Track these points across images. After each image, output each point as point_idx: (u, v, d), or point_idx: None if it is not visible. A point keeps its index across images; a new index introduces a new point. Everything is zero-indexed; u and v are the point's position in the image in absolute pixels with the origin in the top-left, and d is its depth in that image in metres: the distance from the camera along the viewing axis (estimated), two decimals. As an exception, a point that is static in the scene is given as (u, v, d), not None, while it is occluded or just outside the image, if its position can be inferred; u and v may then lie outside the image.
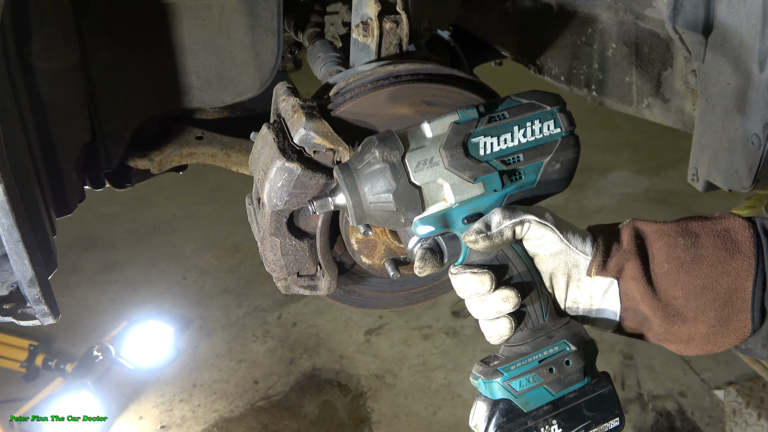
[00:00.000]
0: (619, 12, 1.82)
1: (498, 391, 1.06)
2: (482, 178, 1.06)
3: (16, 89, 1.31)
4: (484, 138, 1.06)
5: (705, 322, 1.04)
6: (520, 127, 1.07)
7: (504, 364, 1.06)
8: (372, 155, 1.05)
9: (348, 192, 1.06)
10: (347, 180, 1.07)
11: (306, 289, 1.35)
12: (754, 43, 1.40)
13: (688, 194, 5.53)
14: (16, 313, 1.27)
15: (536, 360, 1.06)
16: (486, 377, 1.07)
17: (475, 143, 1.06)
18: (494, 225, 1.04)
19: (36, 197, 1.32)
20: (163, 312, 4.69)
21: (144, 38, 1.63)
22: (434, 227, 1.07)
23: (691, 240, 1.05)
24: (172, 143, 1.85)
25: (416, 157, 1.05)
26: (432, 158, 1.05)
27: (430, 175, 1.05)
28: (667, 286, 1.05)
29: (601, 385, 1.09)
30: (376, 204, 1.06)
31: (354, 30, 1.42)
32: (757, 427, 3.61)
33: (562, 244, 1.06)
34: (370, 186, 1.05)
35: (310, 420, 3.93)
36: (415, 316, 4.61)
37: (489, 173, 1.06)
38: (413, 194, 1.04)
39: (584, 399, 1.08)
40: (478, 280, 1.04)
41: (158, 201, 5.95)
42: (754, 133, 1.44)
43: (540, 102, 1.09)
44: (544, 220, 1.05)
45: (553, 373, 1.06)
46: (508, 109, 1.08)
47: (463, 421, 3.86)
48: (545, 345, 1.07)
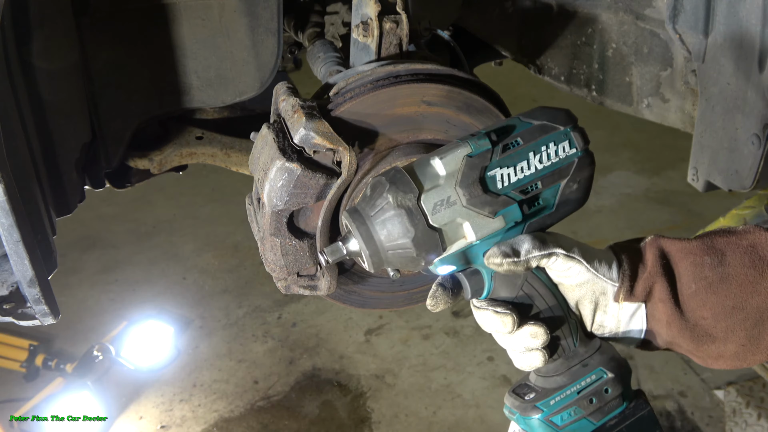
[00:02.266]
0: (619, 12, 1.82)
1: (538, 428, 1.03)
2: (502, 212, 1.01)
3: (16, 89, 1.31)
4: (501, 170, 1.01)
5: (735, 342, 1.03)
6: (536, 153, 1.02)
7: (542, 399, 1.04)
8: (385, 200, 1.00)
9: (363, 241, 1.01)
10: (361, 229, 1.01)
11: (306, 289, 1.34)
12: (754, 43, 1.40)
13: (688, 194, 5.52)
14: (16, 313, 1.27)
15: (575, 392, 1.04)
16: (524, 413, 1.04)
17: (492, 176, 1.01)
18: (523, 253, 1.01)
19: (36, 197, 1.32)
20: (163, 312, 4.69)
21: (144, 38, 1.63)
22: (455, 265, 1.04)
23: (718, 258, 1.03)
24: (172, 143, 1.84)
25: (432, 199, 0.99)
26: (449, 198, 1.00)
27: (448, 215, 1.00)
28: (695, 307, 1.03)
29: (641, 407, 1.07)
30: (394, 251, 1.01)
31: (354, 30, 1.42)
32: (757, 427, 3.61)
33: (590, 274, 1.03)
34: (386, 234, 1.00)
35: (310, 420, 3.93)
36: (415, 316, 4.61)
37: (508, 205, 1.01)
38: (433, 237, 1.00)
39: (625, 424, 1.06)
40: (500, 320, 1.01)
41: (158, 201, 5.95)
42: (754, 133, 1.44)
43: (552, 122, 1.04)
44: (572, 253, 1.03)
45: (593, 404, 1.04)
46: (520, 133, 1.03)
47: (463, 421, 3.87)
48: (582, 374, 1.04)
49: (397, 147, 1.32)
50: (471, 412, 3.92)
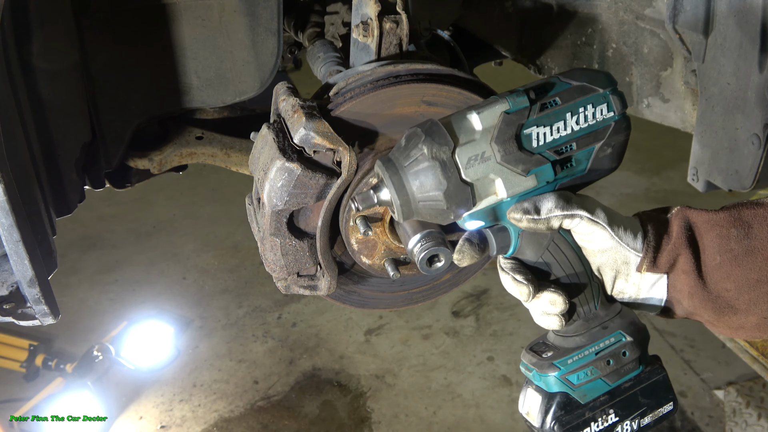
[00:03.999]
0: (619, 12, 1.82)
1: (554, 385, 1.05)
2: (535, 170, 1.01)
3: (16, 89, 1.31)
4: (537, 128, 1.00)
5: (757, 314, 1.03)
6: (573, 113, 1.01)
7: (559, 357, 1.05)
8: (419, 151, 1.00)
9: (395, 190, 1.02)
10: (393, 178, 1.02)
11: (306, 289, 1.35)
12: (754, 43, 1.40)
13: (688, 194, 5.52)
14: (16, 313, 1.27)
15: (593, 353, 1.05)
16: (541, 370, 1.06)
17: (528, 135, 1.00)
18: (544, 211, 1.01)
19: (36, 197, 1.32)
20: (163, 312, 4.69)
21: (144, 38, 1.63)
22: (484, 221, 1.04)
23: (744, 231, 1.03)
24: (172, 143, 1.84)
25: (467, 153, 0.99)
26: (483, 153, 0.99)
27: (482, 171, 1.00)
28: (718, 279, 1.03)
29: (656, 371, 1.09)
30: (425, 202, 1.01)
31: (354, 30, 1.42)
32: (757, 427, 3.61)
33: (613, 242, 1.04)
34: (419, 184, 1.00)
35: (310, 420, 3.93)
36: (415, 316, 4.61)
37: (542, 165, 1.01)
38: (464, 191, 1.00)
39: (640, 387, 1.08)
40: (518, 289, 1.03)
41: (158, 201, 5.95)
42: (754, 133, 1.44)
43: (591, 84, 1.03)
44: (596, 217, 1.02)
45: (610, 365, 1.05)
46: (559, 93, 1.02)
47: (463, 421, 3.87)
48: (601, 336, 1.06)
49: (397, 147, 1.32)
50: (471, 412, 3.92)
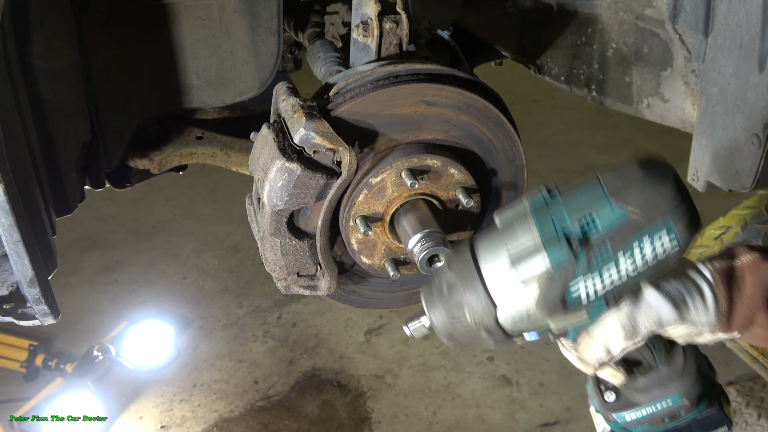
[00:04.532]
0: (619, 12, 1.82)
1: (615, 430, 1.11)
2: (586, 311, 0.95)
3: (16, 89, 1.31)
4: (585, 284, 0.89)
5: None
6: (625, 252, 0.88)
7: (618, 411, 1.08)
8: (462, 314, 0.96)
9: (446, 339, 1.00)
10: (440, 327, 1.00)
11: (306, 289, 1.35)
12: (754, 43, 1.40)
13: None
14: (16, 313, 1.27)
15: (650, 412, 1.06)
16: (605, 416, 1.11)
17: (576, 293, 0.90)
18: (616, 351, 0.98)
19: (36, 197, 1.32)
20: (163, 312, 4.69)
21: (144, 38, 1.63)
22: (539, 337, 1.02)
23: None
24: (172, 143, 1.85)
25: (512, 318, 0.94)
26: (528, 314, 0.94)
27: (528, 325, 0.96)
28: None
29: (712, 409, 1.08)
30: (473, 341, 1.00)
31: (354, 30, 1.42)
32: (757, 427, 3.60)
33: (687, 329, 1.00)
34: (465, 335, 0.99)
35: (310, 420, 3.93)
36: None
37: (594, 309, 0.94)
38: (510, 340, 0.98)
39: (695, 423, 1.08)
40: (584, 368, 1.03)
41: (158, 201, 5.95)
42: (754, 133, 1.44)
43: (648, 211, 0.86)
44: (669, 326, 0.98)
45: (665, 423, 1.07)
46: (608, 232, 0.87)
47: (463, 421, 3.86)
48: (659, 396, 1.05)
49: (397, 147, 1.32)
50: (471, 412, 3.92)
